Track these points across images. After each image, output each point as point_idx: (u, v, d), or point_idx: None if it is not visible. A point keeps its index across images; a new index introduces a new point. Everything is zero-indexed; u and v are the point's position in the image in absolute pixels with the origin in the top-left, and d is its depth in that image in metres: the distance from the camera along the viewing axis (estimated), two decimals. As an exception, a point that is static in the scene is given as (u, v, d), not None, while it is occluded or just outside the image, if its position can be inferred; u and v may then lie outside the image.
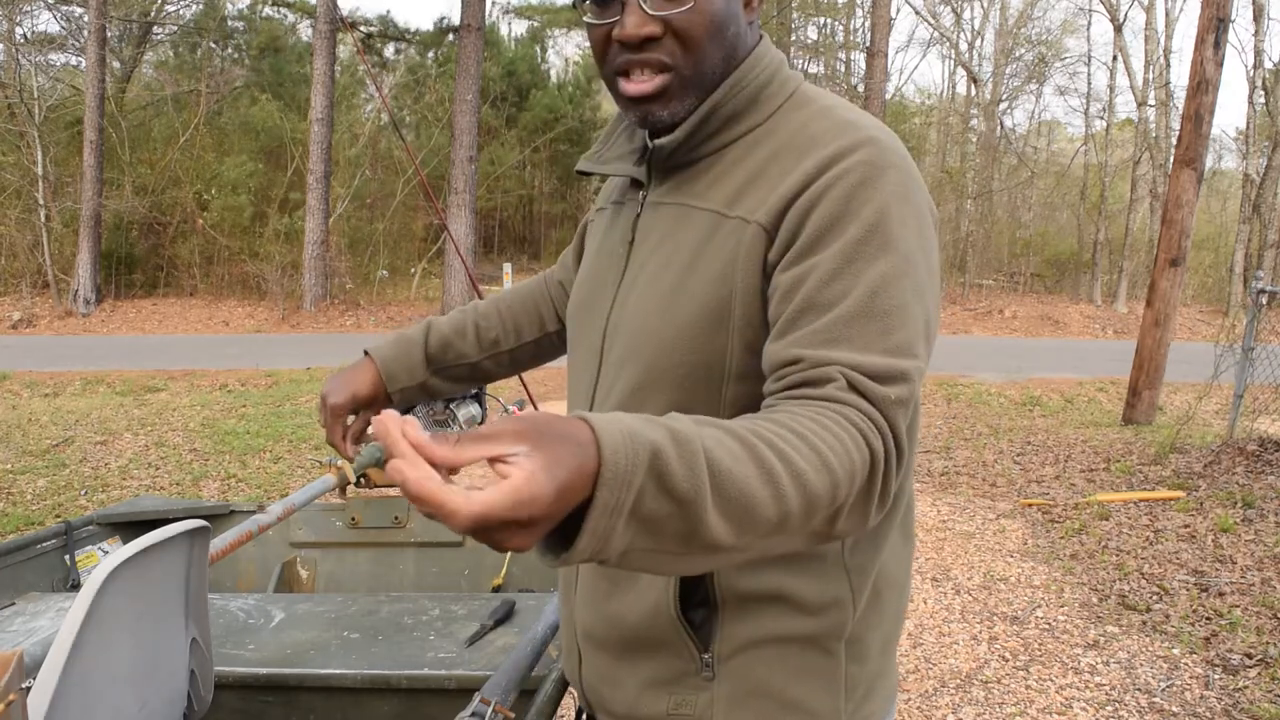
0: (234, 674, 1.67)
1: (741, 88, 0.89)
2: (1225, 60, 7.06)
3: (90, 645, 1.19)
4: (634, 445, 0.58)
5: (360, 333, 14.79)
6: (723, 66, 0.88)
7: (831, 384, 0.73)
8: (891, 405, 0.73)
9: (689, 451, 0.60)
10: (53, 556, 2.42)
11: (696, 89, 0.88)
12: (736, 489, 0.61)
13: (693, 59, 0.86)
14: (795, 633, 0.88)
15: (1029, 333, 16.59)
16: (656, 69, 0.86)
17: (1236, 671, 3.07)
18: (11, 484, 5.41)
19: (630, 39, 0.84)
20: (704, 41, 0.85)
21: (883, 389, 0.73)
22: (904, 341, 0.76)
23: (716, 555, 0.64)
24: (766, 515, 0.63)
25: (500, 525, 0.53)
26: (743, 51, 0.90)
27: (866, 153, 0.81)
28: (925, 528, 4.77)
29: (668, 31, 0.85)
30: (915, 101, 26.33)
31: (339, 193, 17.66)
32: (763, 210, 0.83)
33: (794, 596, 0.87)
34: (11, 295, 16.16)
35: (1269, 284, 6.22)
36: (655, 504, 0.59)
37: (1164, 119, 19.10)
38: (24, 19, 19.08)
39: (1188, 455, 5.69)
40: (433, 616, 1.94)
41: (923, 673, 3.15)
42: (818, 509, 0.66)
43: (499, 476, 0.54)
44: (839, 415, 0.71)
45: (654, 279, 0.90)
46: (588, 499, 0.56)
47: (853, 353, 0.74)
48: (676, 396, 0.86)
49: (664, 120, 0.89)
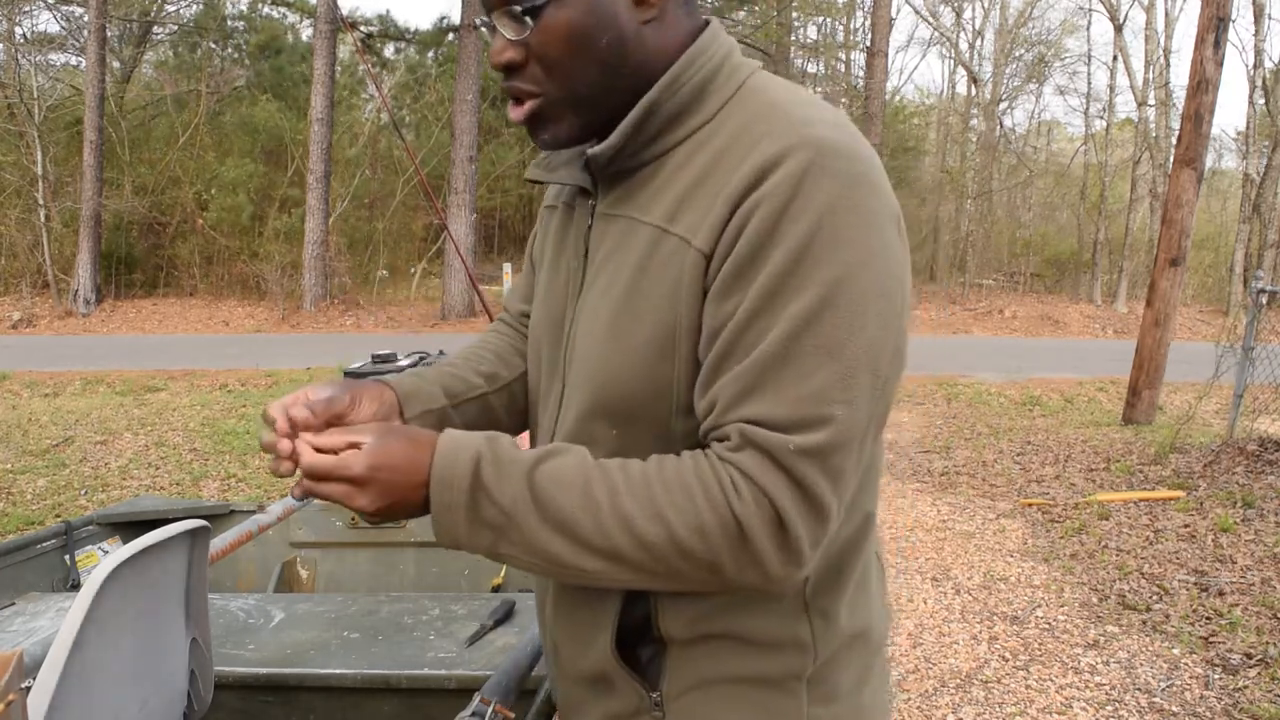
0: (234, 674, 1.67)
1: (682, 83, 0.81)
2: (1225, 60, 7.06)
3: (90, 645, 1.19)
4: (458, 454, 0.75)
5: (360, 333, 14.79)
6: (607, 78, 0.81)
7: (725, 442, 0.73)
8: (794, 456, 0.69)
9: (507, 464, 0.74)
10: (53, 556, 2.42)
11: (575, 109, 0.83)
12: (556, 512, 0.73)
13: (559, 80, 0.81)
14: (748, 673, 0.84)
15: (1029, 333, 16.59)
16: (527, 95, 0.83)
17: (1236, 671, 3.07)
18: (11, 484, 5.41)
19: (494, 67, 0.82)
20: (566, 60, 0.79)
21: (785, 438, 0.69)
22: (824, 385, 0.70)
23: (585, 576, 0.74)
24: (595, 544, 0.72)
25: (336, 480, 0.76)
26: (639, 54, 0.81)
27: (799, 160, 0.72)
28: (925, 528, 4.78)
29: (530, 56, 0.81)
30: (915, 101, 26.34)
31: (339, 192, 17.65)
32: (700, 233, 0.76)
33: (746, 636, 0.83)
34: (11, 295, 16.16)
35: (1269, 284, 6.22)
36: (491, 511, 0.74)
37: (1164, 119, 19.10)
38: (24, 19, 19.10)
39: (1188, 455, 5.69)
40: (433, 616, 1.94)
41: (923, 672, 3.15)
42: (660, 553, 0.71)
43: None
44: (709, 474, 0.72)
45: (602, 299, 0.84)
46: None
47: (760, 404, 0.71)
48: (624, 428, 0.82)
49: (548, 143, 0.85)
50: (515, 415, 1.06)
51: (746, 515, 0.70)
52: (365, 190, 19.01)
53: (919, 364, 11.41)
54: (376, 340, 13.32)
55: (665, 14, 0.82)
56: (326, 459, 0.78)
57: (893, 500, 5.31)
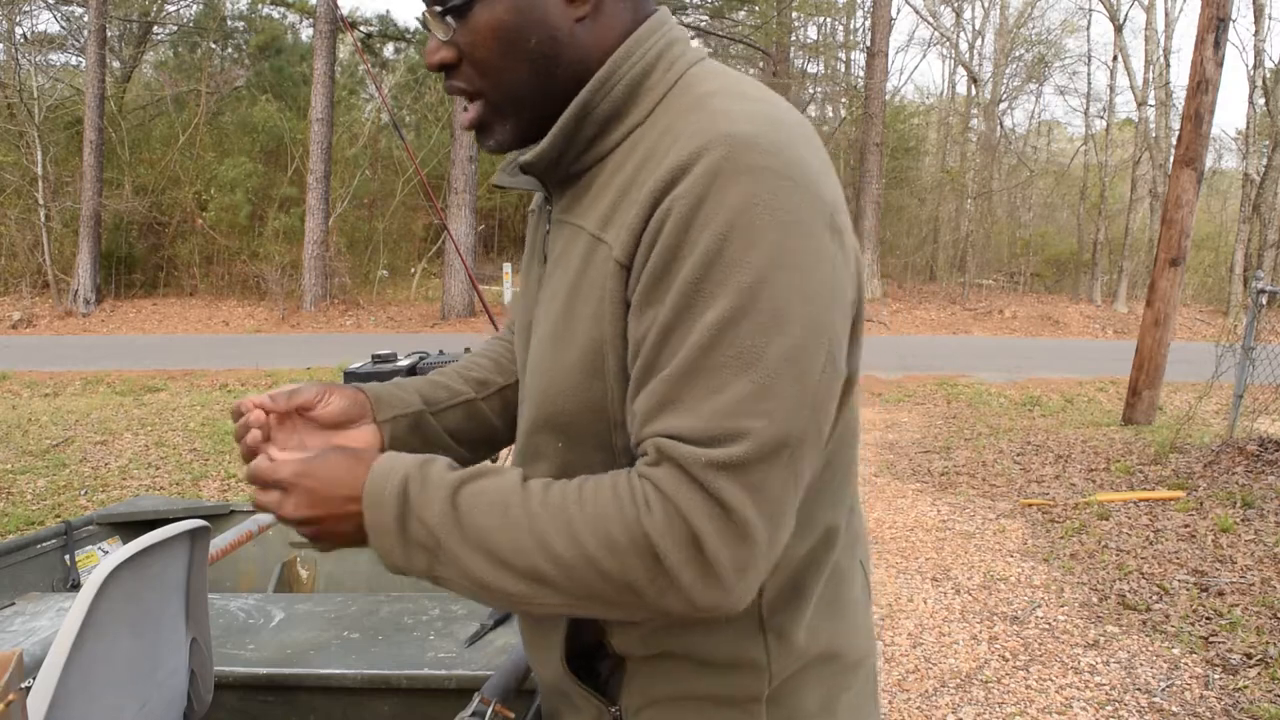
0: (234, 674, 1.67)
1: (614, 82, 0.77)
2: (1225, 60, 7.06)
3: (90, 645, 1.19)
4: (391, 474, 0.74)
5: (360, 333, 14.79)
6: (540, 78, 0.79)
7: (643, 459, 0.70)
8: (709, 471, 0.65)
9: (434, 485, 0.74)
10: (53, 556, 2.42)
11: (512, 111, 0.81)
12: (476, 532, 0.71)
13: (492, 81, 0.79)
14: (705, 692, 0.81)
15: (1029, 333, 16.59)
16: (468, 97, 0.81)
17: (1236, 671, 3.07)
18: (11, 484, 5.41)
19: (428, 67, 0.81)
20: (495, 60, 0.78)
21: (698, 451, 0.66)
22: (740, 397, 0.66)
23: (511, 599, 0.72)
24: (515, 564, 0.70)
25: (266, 484, 0.78)
26: (572, 52, 0.78)
27: (711, 159, 0.68)
28: (925, 528, 4.78)
29: (462, 57, 0.79)
30: (915, 101, 26.34)
31: (339, 192, 17.66)
32: (619, 243, 0.73)
33: (700, 656, 0.81)
34: (11, 295, 16.16)
35: (1269, 284, 6.23)
36: (420, 532, 0.73)
37: (1164, 119, 19.10)
38: (24, 19, 19.10)
39: (1188, 455, 5.69)
40: (433, 616, 1.94)
41: (923, 672, 3.15)
42: (580, 576, 0.69)
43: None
44: (625, 490, 0.69)
45: (547, 310, 0.82)
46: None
47: (674, 418, 0.67)
48: (568, 442, 0.80)
49: (494, 149, 0.84)
50: (510, 421, 1.02)
51: (657, 532, 0.66)
52: (365, 190, 19.00)
53: (919, 364, 11.42)
54: (376, 340, 13.32)
55: (601, 10, 0.79)
56: (260, 461, 0.79)
57: (893, 500, 5.31)
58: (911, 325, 16.65)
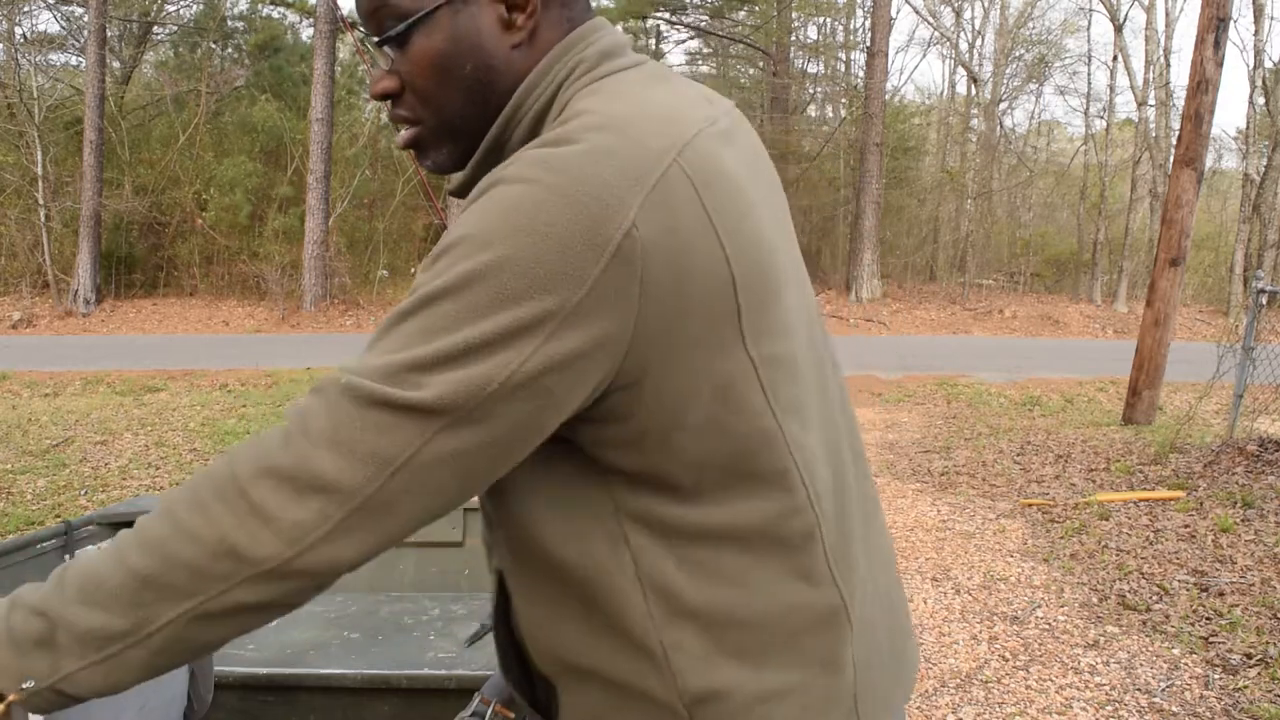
0: (234, 674, 1.67)
1: (520, 117, 0.79)
2: (1225, 60, 7.06)
3: (90, 645, 1.18)
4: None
5: (360, 333, 14.79)
6: (475, 105, 0.80)
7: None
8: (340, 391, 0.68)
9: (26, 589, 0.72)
10: (53, 556, 2.41)
11: (449, 136, 0.82)
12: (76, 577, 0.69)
13: (432, 108, 0.81)
14: (628, 711, 0.79)
15: (1029, 333, 16.59)
16: (410, 124, 0.83)
17: (1236, 671, 3.07)
18: (11, 484, 5.41)
19: (372, 96, 0.83)
20: (433, 88, 0.79)
21: (341, 377, 0.68)
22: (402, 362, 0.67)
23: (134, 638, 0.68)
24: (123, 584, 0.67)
25: None
26: (507, 78, 0.79)
27: (512, 171, 0.69)
28: (925, 528, 4.78)
29: (405, 86, 0.81)
30: (915, 101, 26.34)
31: (339, 192, 17.66)
32: None
33: (605, 675, 0.78)
34: (11, 295, 16.16)
35: (1269, 284, 6.23)
36: (25, 621, 0.69)
37: (1164, 119, 19.11)
38: (24, 19, 19.10)
39: (1188, 455, 5.69)
40: (433, 616, 1.94)
41: (923, 673, 3.15)
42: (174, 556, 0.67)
43: None
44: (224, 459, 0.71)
45: None
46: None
47: (351, 360, 0.71)
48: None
49: (433, 170, 0.86)
50: None
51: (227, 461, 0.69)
52: (365, 190, 19.00)
53: (919, 364, 11.42)
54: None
55: (536, 36, 0.79)
56: None
57: (893, 500, 5.31)
58: (911, 325, 16.66)
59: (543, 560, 0.78)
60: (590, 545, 0.75)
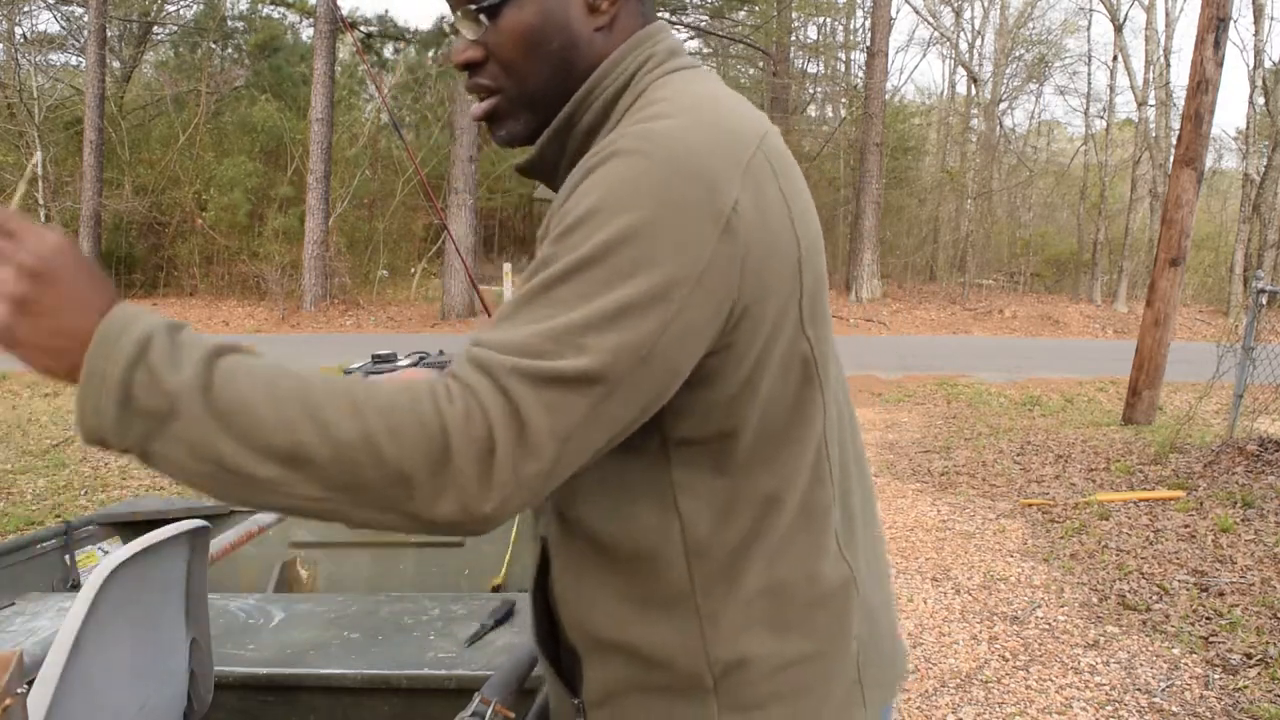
0: (234, 674, 1.67)
1: (593, 99, 0.84)
2: (1225, 60, 7.06)
3: (90, 645, 1.19)
4: (134, 322, 0.63)
5: (360, 333, 14.79)
6: (557, 79, 0.84)
7: (452, 363, 0.69)
8: (514, 376, 0.65)
9: (186, 346, 0.64)
10: (53, 556, 2.42)
11: (527, 108, 0.86)
12: (235, 400, 0.63)
13: (515, 79, 0.84)
14: (651, 683, 0.82)
15: (1029, 332, 16.59)
16: (486, 93, 0.86)
17: (1236, 671, 3.07)
18: (11, 484, 5.42)
19: (454, 65, 0.86)
20: (519, 60, 0.83)
21: (503, 358, 0.66)
22: (564, 327, 0.67)
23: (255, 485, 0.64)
24: (277, 440, 0.62)
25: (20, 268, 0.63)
26: (588, 59, 0.84)
27: (624, 143, 0.72)
28: (925, 528, 4.78)
29: (489, 56, 0.84)
30: (915, 101, 26.34)
31: (339, 192, 17.66)
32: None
33: (638, 647, 0.81)
34: (11, 295, 16.15)
35: (1269, 284, 6.23)
36: (151, 400, 0.62)
37: (1164, 119, 19.12)
38: (24, 19, 19.10)
39: (1188, 455, 5.69)
40: (433, 616, 1.94)
41: (923, 673, 3.15)
42: (351, 455, 0.63)
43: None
44: (424, 385, 0.66)
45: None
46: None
47: (498, 332, 0.69)
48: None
49: (504, 140, 0.89)
50: None
51: (454, 423, 0.64)
52: (365, 190, 19.01)
53: (919, 364, 11.42)
54: (376, 340, 13.32)
55: (616, 22, 0.85)
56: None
57: (893, 500, 5.31)
58: (911, 325, 16.66)
59: (591, 530, 0.81)
60: (641, 515, 0.79)
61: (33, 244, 0.64)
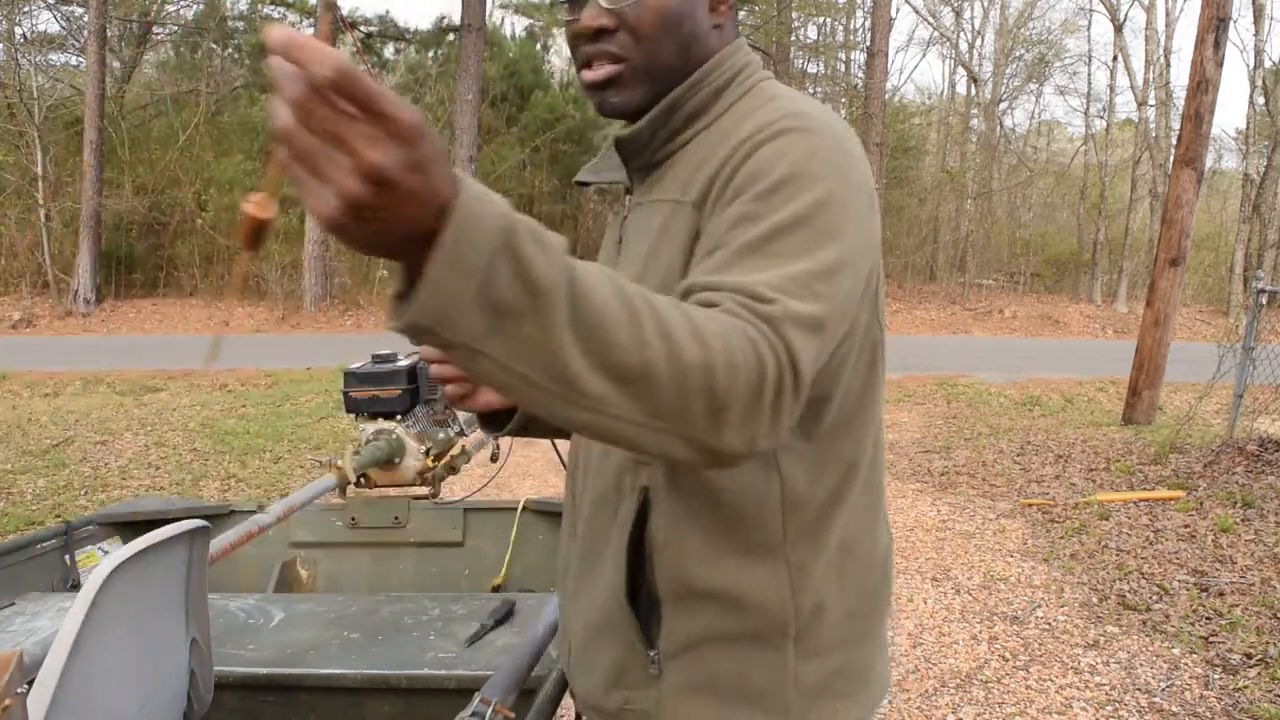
0: (234, 674, 1.67)
1: (703, 86, 0.93)
2: (1225, 60, 7.06)
3: (90, 645, 1.19)
4: (494, 200, 0.57)
5: (360, 333, 14.79)
6: (679, 60, 0.92)
7: (720, 306, 0.70)
8: (783, 322, 0.68)
9: (549, 237, 0.59)
10: (53, 556, 2.42)
11: (649, 79, 0.92)
12: (595, 310, 0.59)
13: (644, 50, 0.90)
14: (736, 630, 0.89)
15: (1029, 332, 16.59)
16: (610, 59, 0.91)
17: (1236, 671, 3.07)
18: (11, 484, 5.41)
19: (584, 30, 0.90)
20: (655, 34, 0.90)
21: (770, 307, 0.69)
22: (800, 274, 0.72)
23: (575, 400, 0.60)
24: (627, 358, 0.60)
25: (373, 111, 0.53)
26: (703, 49, 0.93)
27: (788, 122, 0.82)
28: (925, 528, 4.78)
29: (621, 25, 0.90)
30: (915, 101, 26.34)
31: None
32: (693, 194, 0.87)
33: (731, 594, 0.88)
34: (11, 295, 16.15)
35: (1269, 284, 6.23)
36: (510, 291, 0.56)
37: (1164, 119, 19.12)
38: (24, 19, 19.08)
39: (1188, 455, 5.69)
40: (433, 616, 1.94)
41: (923, 672, 3.15)
42: (690, 381, 0.62)
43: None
44: (730, 317, 0.68)
45: (625, 273, 0.88)
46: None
47: (741, 275, 0.72)
48: None
49: (616, 106, 0.93)
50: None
51: (768, 361, 0.66)
52: (365, 190, 18.98)
53: (919, 364, 11.42)
54: (376, 340, 13.30)
55: (726, 24, 0.96)
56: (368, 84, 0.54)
57: (893, 500, 5.31)
58: (911, 325, 16.66)
59: (701, 482, 0.87)
60: (747, 471, 0.87)
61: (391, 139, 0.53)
